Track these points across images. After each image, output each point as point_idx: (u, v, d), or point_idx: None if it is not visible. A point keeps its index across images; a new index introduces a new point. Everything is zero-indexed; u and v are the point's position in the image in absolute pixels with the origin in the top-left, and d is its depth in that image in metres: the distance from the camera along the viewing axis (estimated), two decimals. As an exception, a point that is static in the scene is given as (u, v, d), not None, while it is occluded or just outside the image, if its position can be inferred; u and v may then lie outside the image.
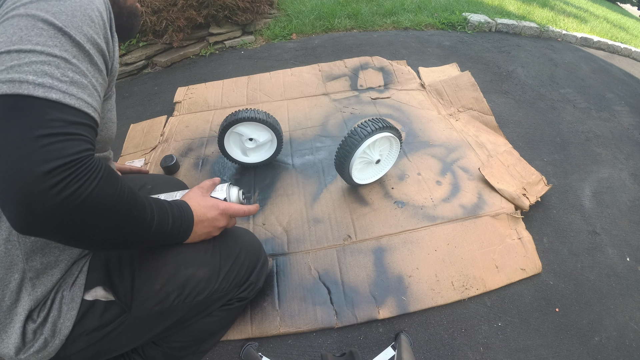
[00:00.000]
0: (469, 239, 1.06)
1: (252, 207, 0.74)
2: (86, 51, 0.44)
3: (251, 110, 1.14)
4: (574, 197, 1.29)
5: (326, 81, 1.81)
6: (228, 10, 2.25)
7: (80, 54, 0.43)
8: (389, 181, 1.25)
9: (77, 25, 0.43)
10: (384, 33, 2.45)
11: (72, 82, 0.41)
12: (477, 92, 1.61)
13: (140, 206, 0.51)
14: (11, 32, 0.39)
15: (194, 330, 0.77)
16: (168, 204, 0.59)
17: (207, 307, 0.73)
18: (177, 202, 0.63)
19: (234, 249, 0.75)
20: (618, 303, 0.99)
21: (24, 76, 0.38)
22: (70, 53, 0.42)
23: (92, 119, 0.44)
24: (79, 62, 0.43)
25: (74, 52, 0.43)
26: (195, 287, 0.67)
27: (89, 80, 0.44)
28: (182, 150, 1.45)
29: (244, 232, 0.84)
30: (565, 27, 2.80)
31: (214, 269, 0.70)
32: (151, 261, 0.64)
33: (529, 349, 0.88)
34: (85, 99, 0.43)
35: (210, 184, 0.73)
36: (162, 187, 0.96)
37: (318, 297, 0.95)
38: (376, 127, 1.00)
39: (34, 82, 0.38)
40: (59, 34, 0.41)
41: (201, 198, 0.67)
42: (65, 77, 0.41)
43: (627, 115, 1.79)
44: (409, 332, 0.90)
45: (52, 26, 0.41)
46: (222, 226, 0.70)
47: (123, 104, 1.92)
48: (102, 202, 0.42)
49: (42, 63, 0.39)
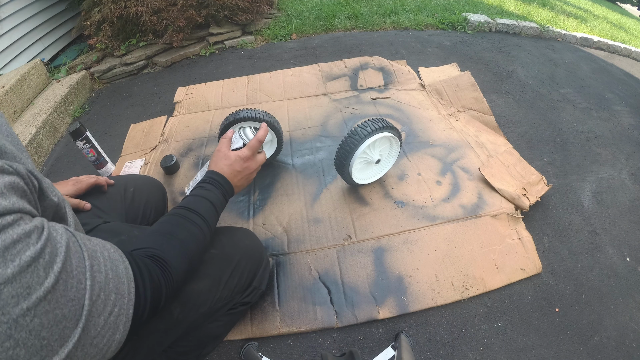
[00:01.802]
0: (469, 239, 1.06)
1: (262, 130, 0.80)
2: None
3: (251, 110, 1.14)
4: (574, 197, 1.29)
5: (326, 81, 1.81)
6: (228, 10, 2.25)
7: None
8: (389, 181, 1.25)
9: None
10: (384, 33, 2.45)
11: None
12: (477, 92, 1.61)
13: (198, 240, 0.60)
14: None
15: (198, 335, 0.77)
16: (204, 193, 0.66)
17: (211, 314, 0.73)
18: (208, 176, 0.70)
19: (234, 256, 0.73)
20: (618, 303, 0.99)
21: None
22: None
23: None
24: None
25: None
26: (197, 301, 0.66)
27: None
28: (182, 150, 1.45)
29: (245, 235, 0.82)
30: (565, 27, 2.80)
31: (213, 279, 0.69)
32: None
33: (529, 349, 0.88)
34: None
35: (226, 142, 0.77)
36: (142, 188, 0.94)
37: (318, 297, 0.95)
38: (376, 127, 1.00)
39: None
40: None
41: (224, 159, 0.73)
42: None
43: (627, 115, 1.79)
44: (409, 332, 0.90)
45: None
46: (255, 168, 0.77)
47: (123, 104, 1.93)
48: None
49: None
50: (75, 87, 1.95)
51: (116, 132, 1.68)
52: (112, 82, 2.17)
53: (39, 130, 1.61)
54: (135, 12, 2.01)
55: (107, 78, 2.15)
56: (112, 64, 2.14)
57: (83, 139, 1.24)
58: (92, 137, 1.28)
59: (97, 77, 2.14)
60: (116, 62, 2.15)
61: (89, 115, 1.89)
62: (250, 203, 1.21)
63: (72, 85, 1.93)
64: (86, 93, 2.06)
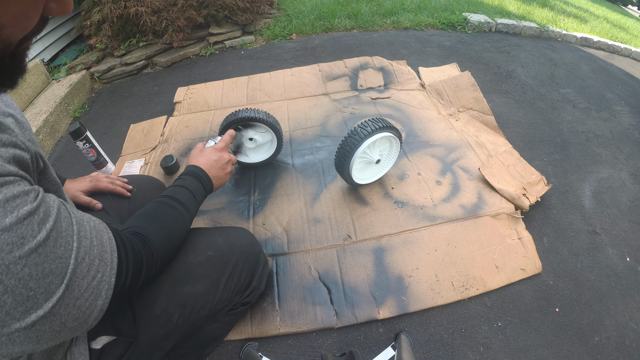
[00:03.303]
0: (469, 239, 1.06)
1: (230, 131, 0.93)
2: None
3: (251, 110, 1.14)
4: (574, 197, 1.29)
5: (326, 81, 1.81)
6: (228, 10, 2.25)
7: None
8: (389, 181, 1.25)
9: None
10: (384, 33, 2.45)
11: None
12: (477, 92, 1.61)
13: (177, 221, 0.64)
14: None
15: (200, 336, 0.77)
16: (183, 182, 0.72)
17: (212, 316, 0.72)
18: (187, 170, 0.76)
19: (231, 257, 0.73)
20: (618, 303, 0.99)
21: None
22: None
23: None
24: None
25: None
26: (195, 304, 0.65)
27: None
28: (182, 150, 1.45)
29: (241, 235, 0.81)
30: (565, 27, 2.80)
31: (211, 281, 0.68)
32: (147, 285, 0.61)
33: (529, 349, 0.88)
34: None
35: (201, 145, 0.87)
36: (145, 188, 0.95)
37: (318, 297, 0.95)
38: (376, 127, 1.00)
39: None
40: None
41: (199, 153, 0.82)
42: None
43: (627, 115, 1.79)
44: (409, 332, 0.90)
45: None
46: (227, 160, 0.84)
47: (123, 104, 1.93)
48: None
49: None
50: (75, 87, 1.95)
51: (116, 132, 1.68)
52: (112, 82, 2.17)
53: (39, 130, 1.61)
54: (135, 12, 2.01)
55: (107, 78, 2.15)
56: (112, 64, 2.14)
57: (83, 139, 1.24)
58: (92, 137, 1.28)
59: (97, 77, 2.14)
60: (116, 62, 2.15)
61: (89, 115, 1.89)
62: (250, 203, 1.21)
63: (72, 85, 1.93)
64: (86, 93, 2.06)
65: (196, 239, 0.70)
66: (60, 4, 0.36)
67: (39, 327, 0.35)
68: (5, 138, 0.36)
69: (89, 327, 0.42)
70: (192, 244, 0.68)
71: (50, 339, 0.37)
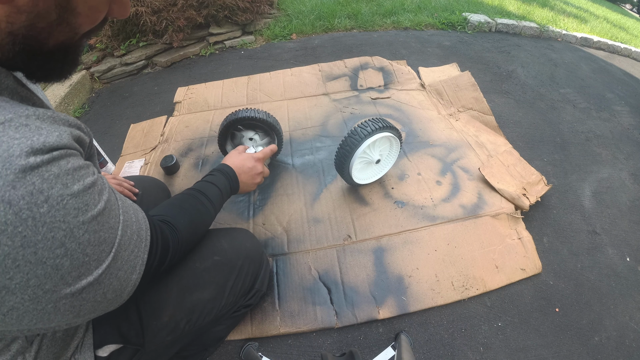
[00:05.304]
0: (469, 239, 1.06)
1: (274, 146, 0.98)
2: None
3: (251, 110, 1.14)
4: (574, 197, 1.29)
5: (326, 81, 1.81)
6: (228, 10, 2.25)
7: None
8: (389, 181, 1.25)
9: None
10: (384, 33, 2.45)
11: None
12: (477, 92, 1.61)
13: (203, 216, 0.67)
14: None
15: (203, 339, 0.78)
16: (214, 179, 0.74)
17: (216, 320, 0.72)
18: (221, 167, 0.79)
19: (237, 261, 0.73)
20: (618, 303, 0.99)
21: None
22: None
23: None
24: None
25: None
26: (202, 310, 0.66)
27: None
28: (182, 151, 1.45)
29: (246, 237, 0.81)
30: (565, 27, 2.80)
31: (218, 286, 0.68)
32: (154, 293, 0.62)
33: (529, 349, 0.88)
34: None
35: (242, 148, 0.91)
36: (150, 190, 0.95)
37: (318, 297, 0.95)
38: (376, 127, 1.00)
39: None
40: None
41: (237, 155, 0.86)
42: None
43: (627, 115, 1.79)
44: (409, 332, 0.90)
45: None
46: (260, 171, 0.87)
47: (123, 104, 1.93)
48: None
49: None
50: (75, 87, 1.95)
51: (116, 132, 1.68)
52: (112, 82, 2.17)
53: (39, 130, 1.61)
54: (135, 12, 2.01)
55: (107, 78, 2.15)
56: (112, 64, 2.14)
57: (83, 139, 1.24)
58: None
59: (97, 77, 2.13)
60: (116, 62, 2.15)
61: (89, 115, 1.89)
62: (250, 203, 1.21)
63: (72, 85, 1.93)
64: (86, 93, 2.06)
65: (201, 243, 0.70)
66: (121, 7, 0.41)
67: (85, 294, 0.37)
68: (72, 120, 0.39)
69: (122, 302, 0.44)
70: (198, 249, 0.68)
71: (90, 311, 0.39)
